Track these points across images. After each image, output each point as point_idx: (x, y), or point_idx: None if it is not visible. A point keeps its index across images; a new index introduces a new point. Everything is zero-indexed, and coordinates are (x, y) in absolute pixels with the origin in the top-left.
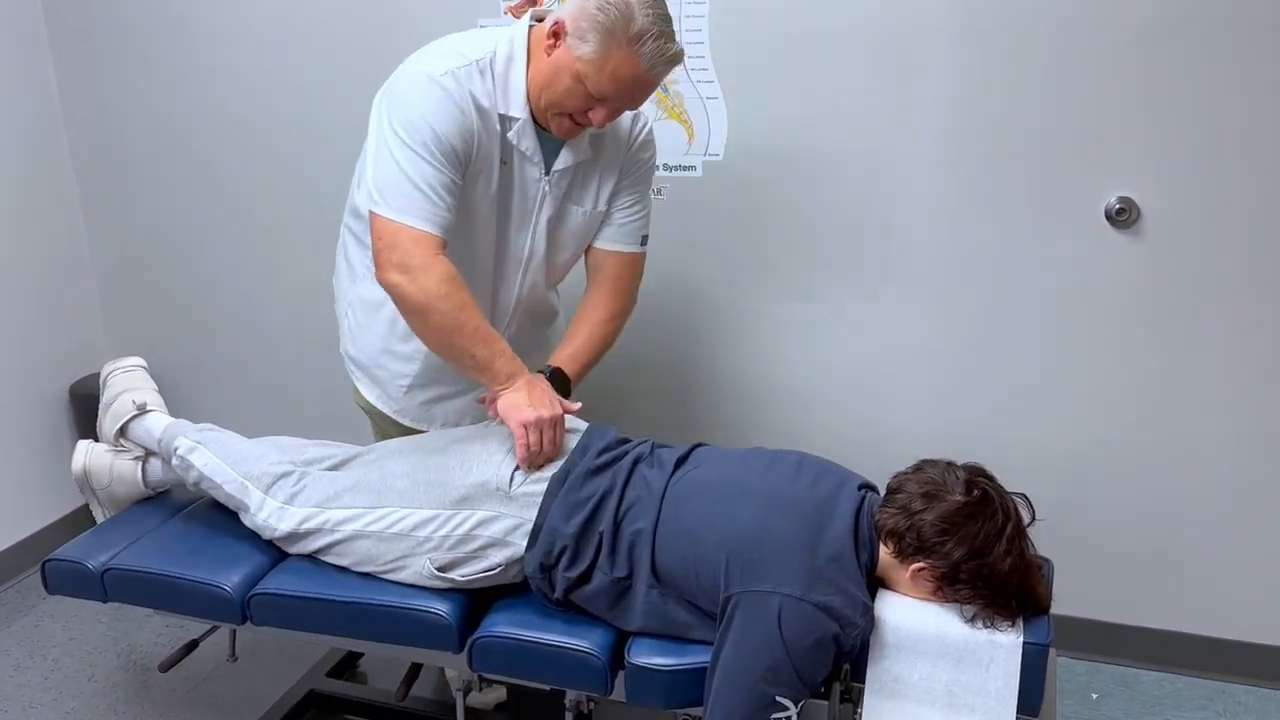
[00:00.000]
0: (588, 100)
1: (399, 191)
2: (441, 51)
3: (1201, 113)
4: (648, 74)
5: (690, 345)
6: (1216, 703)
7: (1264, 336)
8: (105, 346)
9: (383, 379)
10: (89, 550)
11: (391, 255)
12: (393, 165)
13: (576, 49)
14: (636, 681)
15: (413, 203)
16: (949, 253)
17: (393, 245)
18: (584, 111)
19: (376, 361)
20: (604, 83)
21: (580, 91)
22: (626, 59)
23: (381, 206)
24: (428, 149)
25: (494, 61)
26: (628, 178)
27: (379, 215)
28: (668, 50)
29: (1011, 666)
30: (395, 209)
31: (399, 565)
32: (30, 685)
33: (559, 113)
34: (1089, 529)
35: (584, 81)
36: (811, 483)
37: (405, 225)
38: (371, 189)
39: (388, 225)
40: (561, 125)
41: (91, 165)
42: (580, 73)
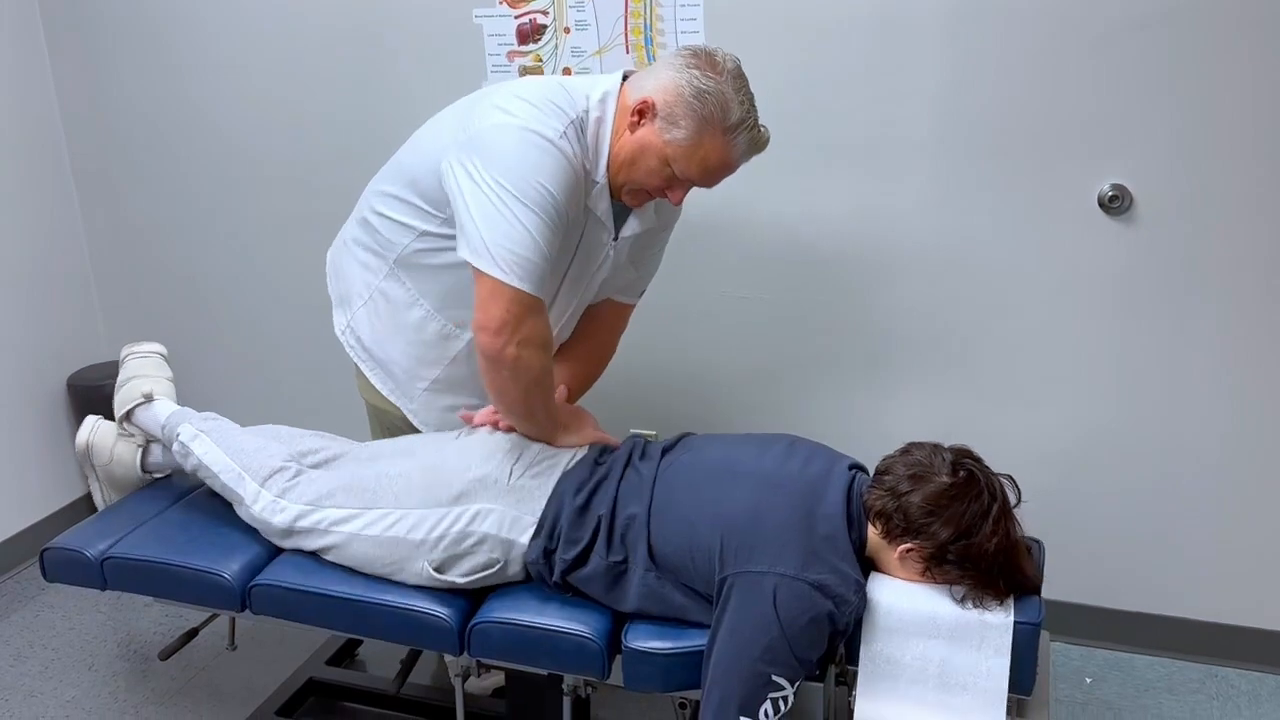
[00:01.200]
0: (670, 181)
1: (531, 259)
2: (547, 104)
3: (1194, 99)
4: (736, 162)
5: (680, 340)
6: (1209, 686)
7: (1257, 322)
8: (103, 338)
9: (400, 377)
10: (87, 538)
11: (522, 327)
12: (521, 230)
13: (667, 133)
14: (634, 665)
15: (539, 273)
16: (942, 241)
17: (523, 317)
18: (662, 190)
19: (394, 359)
20: (693, 169)
21: (665, 174)
22: (719, 148)
23: (511, 277)
24: (550, 216)
25: (586, 121)
26: (660, 234)
27: (511, 285)
28: (759, 139)
29: (1003, 646)
30: (530, 280)
31: (397, 569)
32: (30, 674)
33: (637, 189)
34: (1082, 514)
35: (671, 165)
36: (802, 464)
37: (533, 295)
38: (493, 254)
39: (521, 295)
40: (636, 198)
41: (87, 156)
42: (669, 157)
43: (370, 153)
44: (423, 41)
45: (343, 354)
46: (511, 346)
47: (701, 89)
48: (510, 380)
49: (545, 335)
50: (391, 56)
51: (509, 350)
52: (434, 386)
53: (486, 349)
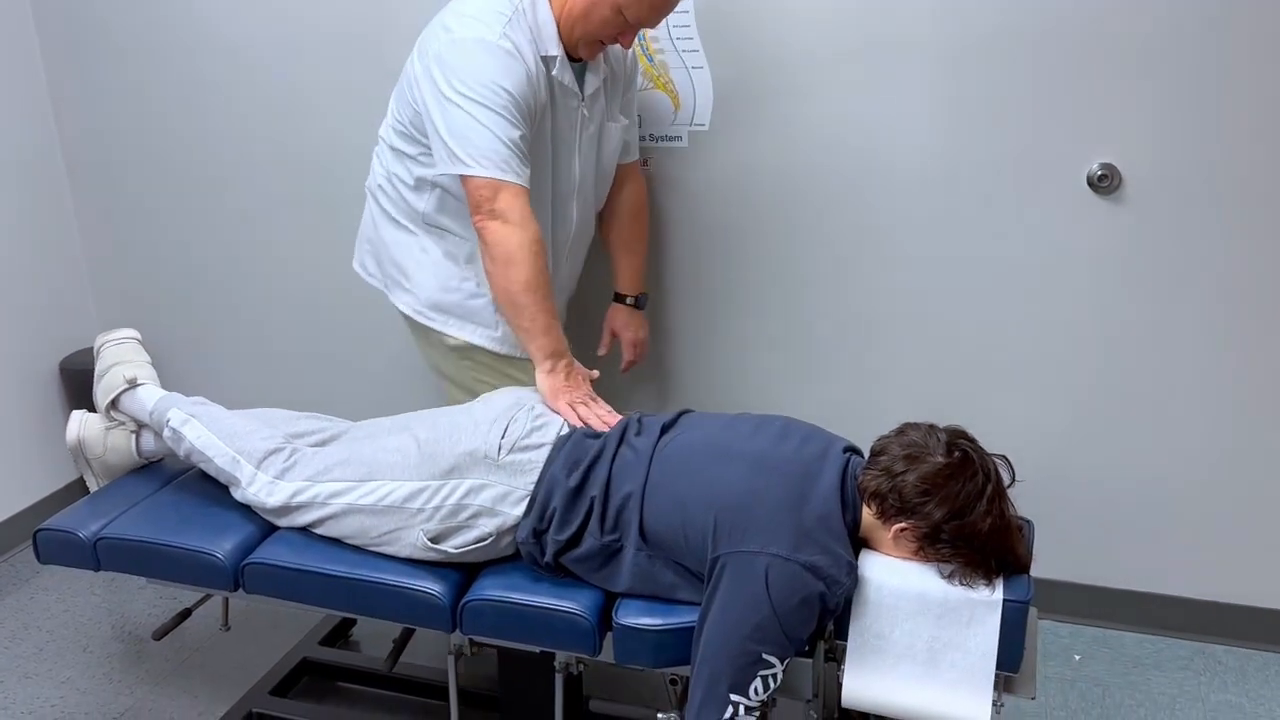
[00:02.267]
0: (623, 27)
1: (492, 151)
2: (483, 11)
3: (1183, 78)
4: None
5: (674, 316)
6: (1196, 662)
7: (1245, 300)
8: (95, 322)
9: (476, 310)
10: (81, 519)
11: (493, 205)
12: (479, 128)
13: None
14: (625, 642)
15: (505, 160)
16: (932, 220)
17: (493, 197)
18: (615, 37)
19: (465, 303)
20: (644, 11)
21: (619, 21)
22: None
23: (476, 167)
24: (507, 110)
25: (523, 8)
26: (628, 90)
27: (475, 175)
28: None
29: (991, 623)
30: (492, 167)
31: (391, 538)
32: (25, 656)
33: (591, 40)
34: (1071, 493)
35: (624, 12)
36: (798, 445)
37: (503, 181)
38: (460, 154)
39: (486, 182)
40: (592, 49)
41: (79, 142)
42: (621, 5)
43: (362, 144)
44: (412, 35)
45: (337, 341)
46: (490, 220)
47: None
48: (491, 259)
49: (518, 214)
50: (383, 57)
51: (489, 224)
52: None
53: (476, 230)
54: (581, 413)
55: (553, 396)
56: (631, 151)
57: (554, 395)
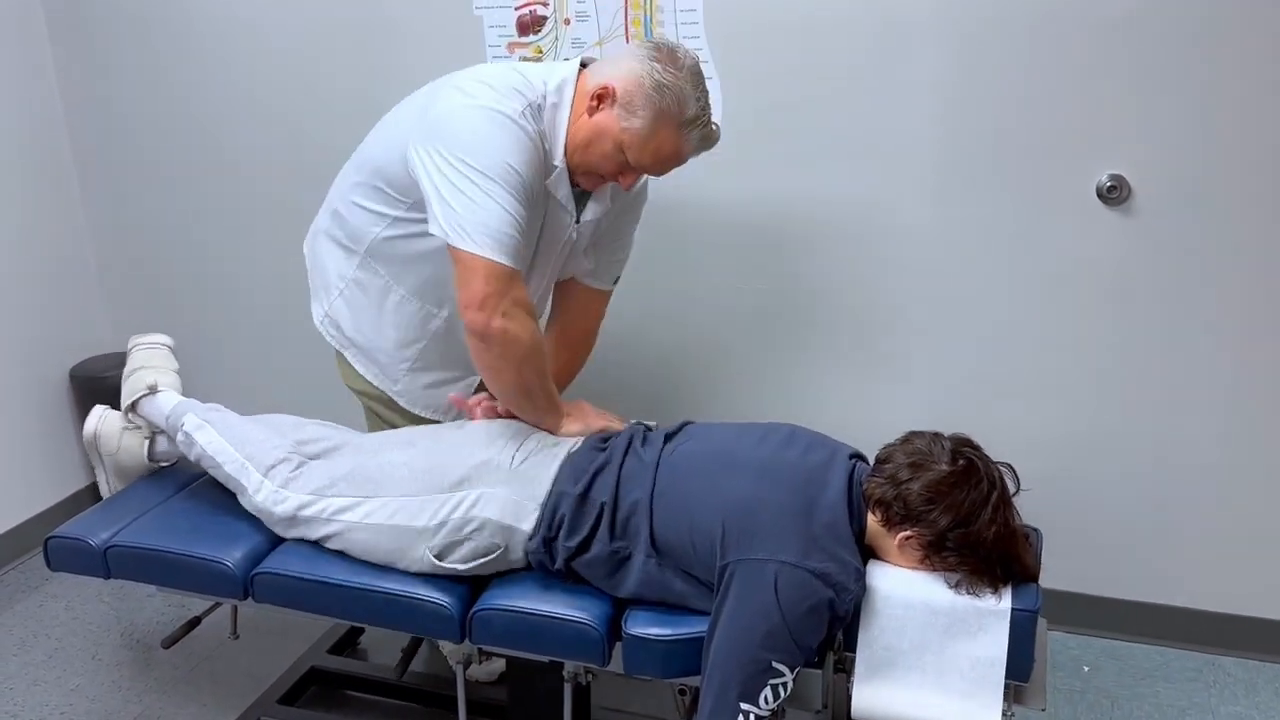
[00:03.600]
0: (623, 167)
1: (505, 232)
2: (504, 84)
3: (1192, 89)
4: (687, 156)
5: (680, 326)
6: (1206, 674)
7: (1254, 312)
8: (106, 329)
9: (382, 360)
10: (91, 527)
11: (509, 297)
12: (492, 205)
13: (624, 120)
14: (634, 652)
15: (514, 245)
16: (941, 232)
17: (507, 289)
18: (614, 175)
19: (375, 344)
20: (645, 157)
21: (619, 159)
22: (672, 141)
23: (489, 251)
24: (518, 191)
25: (544, 106)
26: (622, 218)
27: (486, 259)
28: (710, 136)
29: (1000, 632)
30: (507, 254)
31: (399, 555)
32: (35, 664)
33: (590, 172)
34: (1080, 504)
35: (625, 152)
36: (803, 453)
37: (514, 270)
38: (469, 231)
39: (498, 272)
40: (590, 181)
41: (90, 149)
42: (624, 144)
43: None
44: (424, 33)
45: None
46: (497, 318)
47: (661, 82)
48: (501, 357)
49: (529, 304)
50: (392, 49)
51: (495, 323)
52: (416, 365)
53: (474, 326)
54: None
55: (588, 425)
56: (608, 278)
57: (587, 424)
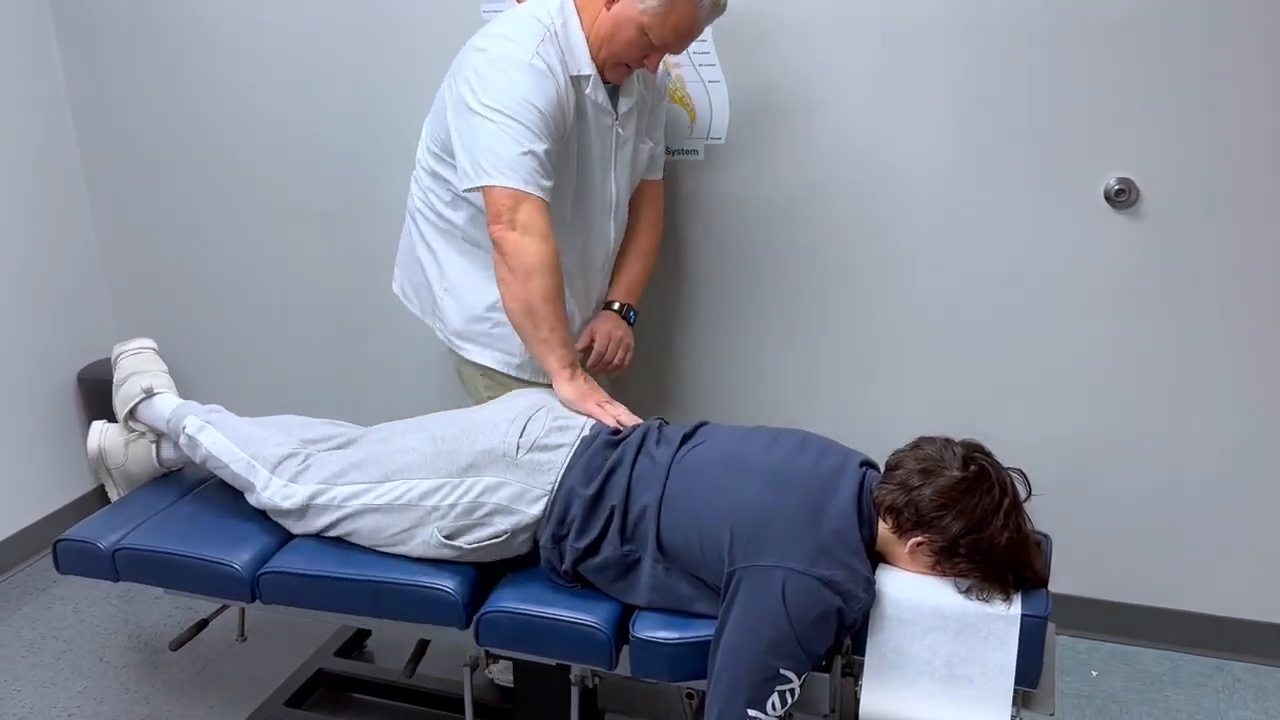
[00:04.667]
0: (648, 49)
1: (516, 163)
2: (516, 32)
3: (1200, 92)
4: (702, 23)
5: (690, 328)
6: (1215, 680)
7: (1262, 316)
8: (113, 332)
9: (498, 337)
10: (100, 530)
11: (515, 215)
12: (505, 139)
13: (640, 3)
14: (641, 655)
15: (530, 172)
16: (949, 235)
17: (514, 208)
18: (640, 59)
19: (489, 320)
20: (667, 33)
21: (644, 42)
22: (687, 11)
23: (499, 178)
24: (536, 124)
25: (555, 29)
26: (656, 107)
27: (498, 186)
28: (720, 2)
29: (1009, 638)
30: (516, 178)
31: (406, 536)
32: (43, 665)
33: (618, 62)
34: (1088, 507)
35: (648, 33)
36: (815, 459)
37: (526, 192)
38: (484, 165)
39: (509, 193)
40: (617, 72)
41: (97, 151)
42: (645, 25)
43: (379, 148)
44: (431, 37)
45: (352, 350)
46: (510, 231)
47: None
48: (510, 269)
49: (540, 226)
50: (401, 52)
51: (508, 235)
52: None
53: (493, 239)
54: (611, 411)
55: (581, 401)
56: (657, 168)
57: (582, 400)
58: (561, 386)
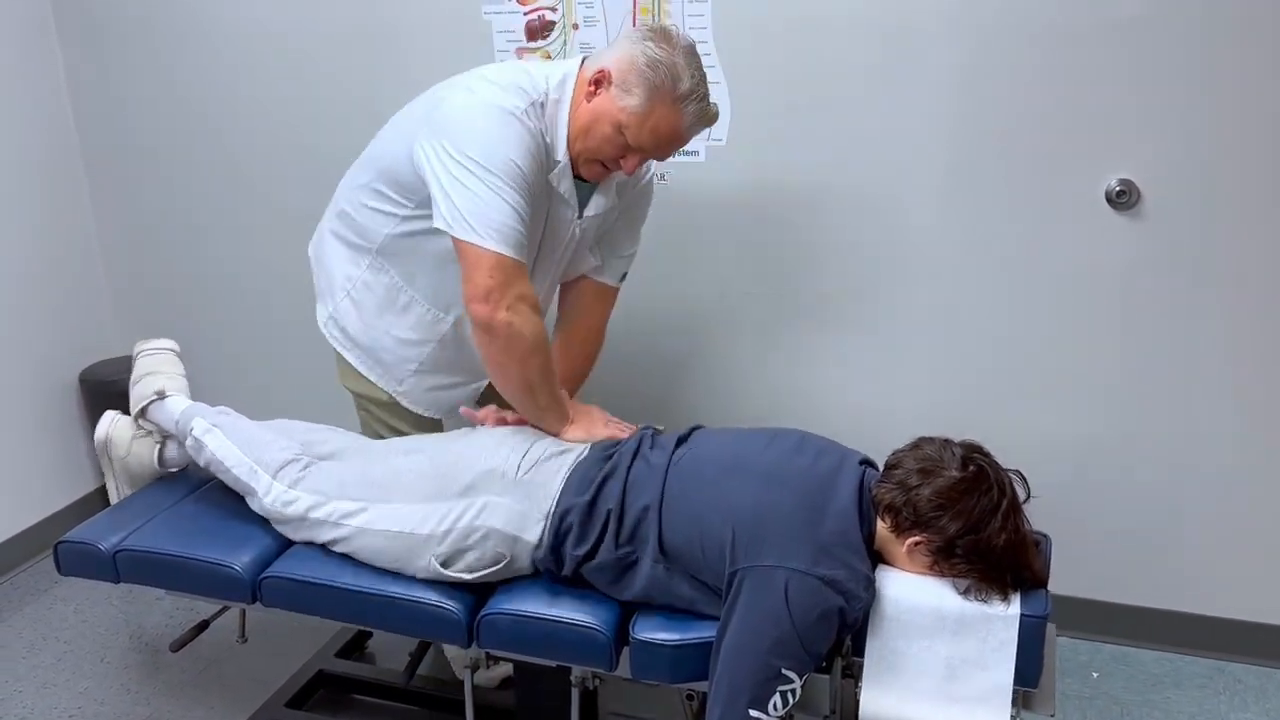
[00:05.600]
0: (624, 149)
1: (509, 226)
2: (510, 83)
3: (1202, 93)
4: (686, 132)
5: (690, 329)
6: (1216, 681)
7: (1263, 317)
8: (115, 334)
9: (388, 361)
10: (101, 532)
11: (512, 290)
12: (496, 199)
13: (620, 100)
14: (641, 657)
15: (517, 238)
16: (950, 236)
17: (512, 282)
18: (616, 159)
19: (382, 345)
20: (644, 136)
21: (619, 141)
22: (668, 116)
23: (493, 244)
24: (520, 186)
25: (547, 101)
26: (631, 214)
27: (488, 250)
28: (707, 112)
29: (1009, 639)
30: (511, 246)
31: (405, 563)
32: (44, 666)
33: (592, 159)
34: (1089, 509)
35: (624, 132)
36: (813, 459)
37: (516, 260)
38: (473, 223)
39: (498, 264)
40: (592, 170)
41: (100, 153)
42: (622, 123)
43: None
44: (432, 38)
45: None
46: (502, 311)
47: (655, 58)
48: (505, 350)
49: (534, 298)
50: (401, 54)
51: (500, 315)
52: (422, 368)
53: (479, 318)
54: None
55: (589, 434)
56: (615, 274)
57: (589, 433)
58: (569, 434)
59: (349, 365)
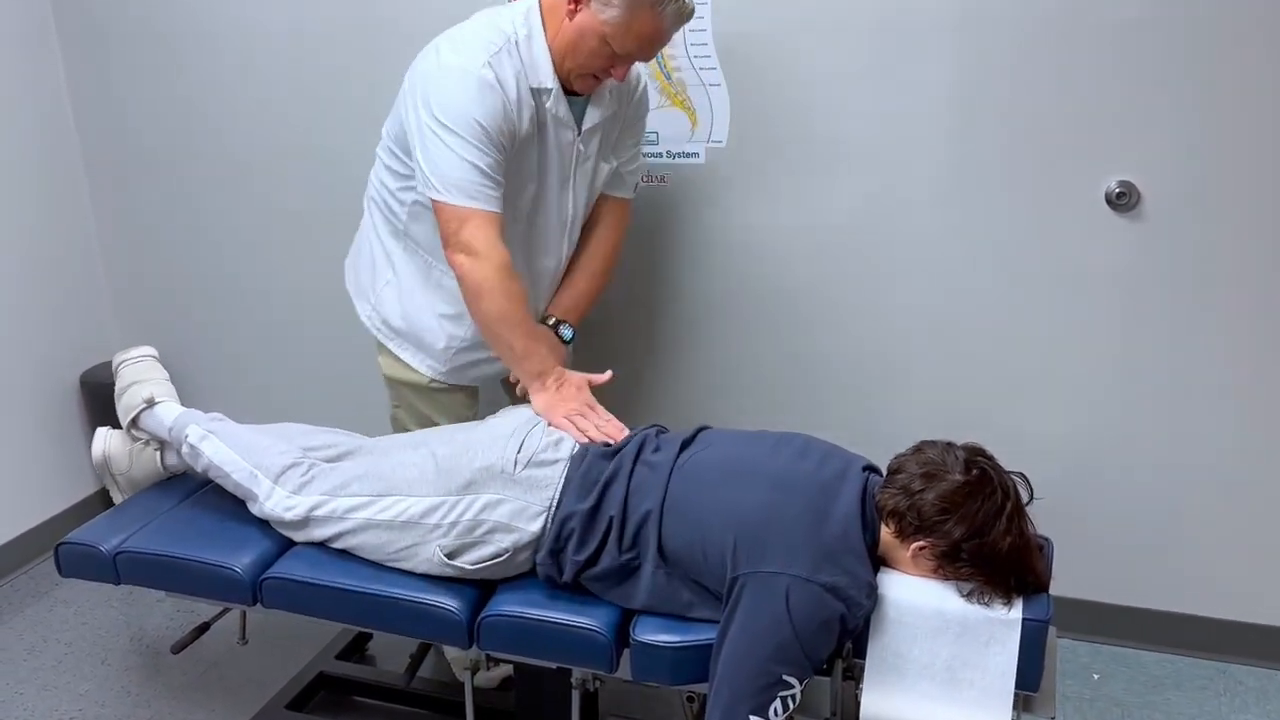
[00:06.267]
0: (612, 59)
1: (460, 178)
2: (473, 40)
3: (1202, 96)
4: (667, 32)
5: (691, 330)
6: (1217, 683)
7: (1263, 319)
8: (115, 335)
9: (430, 342)
10: (102, 534)
11: (459, 237)
12: (450, 155)
13: (601, 13)
14: (642, 659)
15: (475, 187)
16: (950, 237)
17: (459, 229)
18: (606, 69)
19: (425, 325)
20: (629, 43)
21: (606, 52)
22: (649, 20)
23: (445, 194)
24: (478, 139)
25: (518, 40)
26: (632, 126)
27: (445, 202)
28: (684, 8)
29: (1010, 642)
30: (462, 194)
31: (408, 554)
32: (44, 668)
33: (583, 73)
34: (1090, 511)
35: (610, 42)
36: (817, 464)
37: (471, 208)
38: (432, 179)
39: (455, 210)
40: (585, 83)
41: (100, 155)
42: (606, 35)
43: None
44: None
45: (354, 351)
46: (456, 254)
47: None
48: (466, 290)
49: (482, 244)
50: (404, 56)
51: (455, 258)
52: (464, 344)
53: (449, 261)
54: (580, 424)
55: (548, 412)
56: (626, 186)
57: (549, 410)
58: (534, 398)
59: (391, 355)
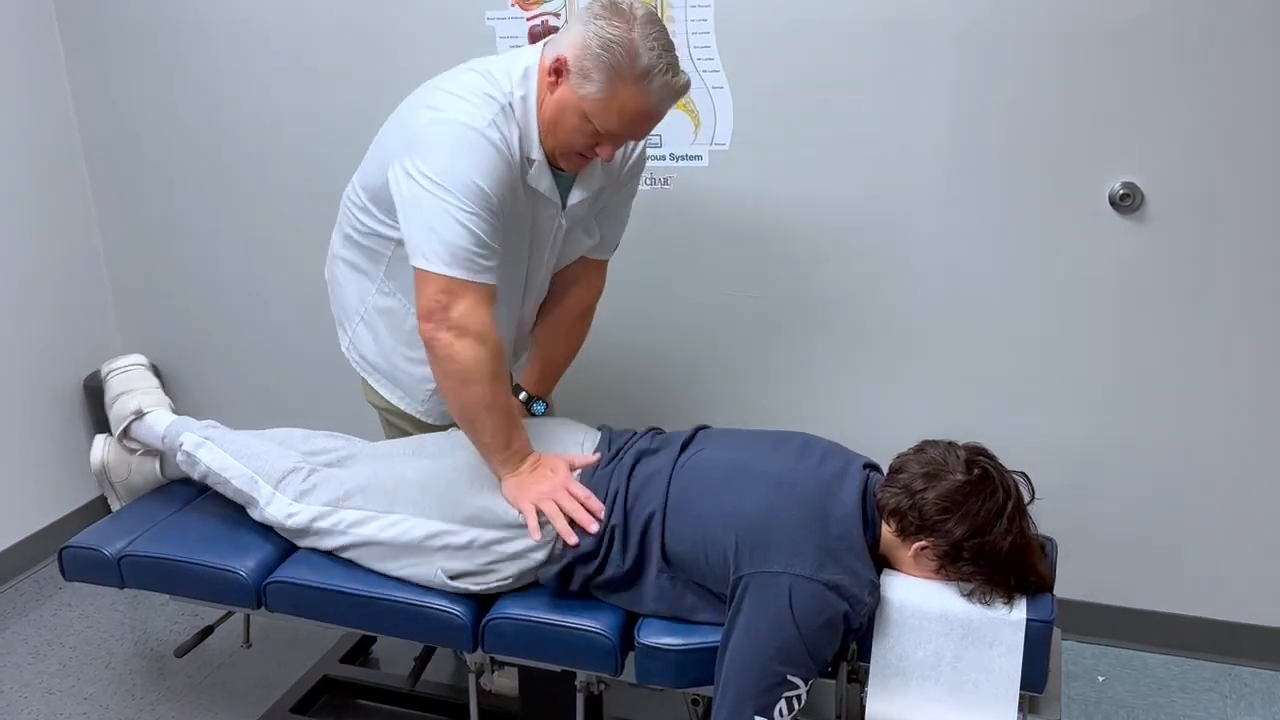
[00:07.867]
0: (595, 137)
1: (457, 248)
2: (471, 93)
3: (1206, 97)
4: (656, 109)
5: (694, 333)
6: (1222, 684)
7: (1267, 320)
8: (117, 340)
9: (406, 383)
10: (105, 537)
11: (448, 314)
12: (448, 221)
13: (580, 88)
14: (646, 661)
15: (471, 257)
16: (953, 239)
17: (449, 304)
18: (591, 147)
19: (398, 367)
20: (611, 121)
21: (588, 129)
22: (634, 96)
23: (437, 265)
24: (480, 205)
25: (513, 102)
26: (619, 194)
27: (434, 273)
28: (675, 84)
29: (1015, 643)
30: (455, 265)
31: (412, 572)
32: (49, 672)
33: (567, 151)
34: (1095, 513)
35: (591, 120)
36: (817, 463)
37: (464, 281)
38: (422, 246)
39: (446, 284)
40: (571, 161)
41: (103, 161)
42: (587, 112)
43: None
44: (435, 44)
45: None
46: (442, 332)
47: (608, 39)
48: (443, 373)
49: (478, 325)
50: (405, 61)
51: (439, 336)
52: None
53: (422, 335)
54: (548, 510)
55: (517, 496)
56: (607, 249)
57: (518, 494)
58: (504, 482)
59: (371, 387)
